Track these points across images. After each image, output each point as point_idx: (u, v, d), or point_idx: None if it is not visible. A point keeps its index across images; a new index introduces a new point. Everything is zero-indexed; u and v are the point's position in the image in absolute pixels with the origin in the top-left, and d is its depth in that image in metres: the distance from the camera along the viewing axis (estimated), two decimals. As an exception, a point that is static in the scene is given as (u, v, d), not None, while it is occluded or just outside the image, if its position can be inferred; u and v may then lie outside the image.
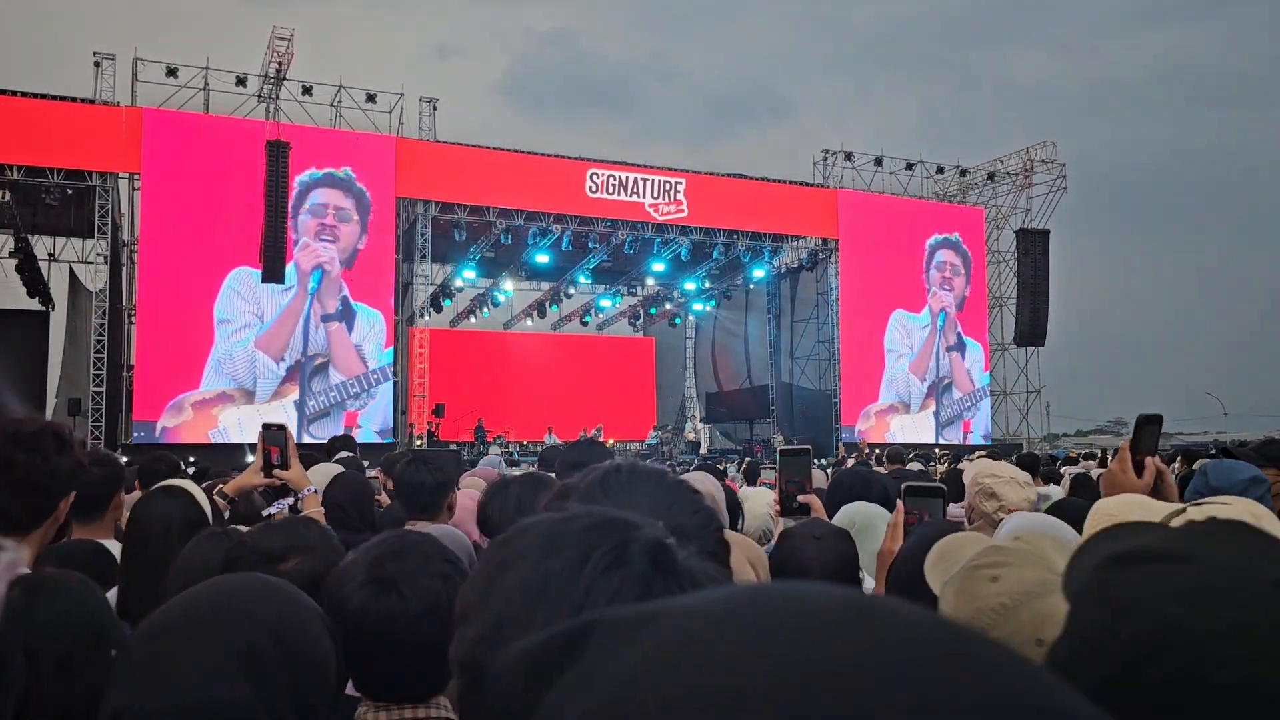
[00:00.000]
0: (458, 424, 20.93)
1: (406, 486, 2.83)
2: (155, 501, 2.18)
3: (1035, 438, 26.82)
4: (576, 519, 0.68)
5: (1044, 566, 1.05)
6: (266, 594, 1.08)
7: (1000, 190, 25.98)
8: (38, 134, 16.94)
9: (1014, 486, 2.62)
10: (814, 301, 25.01)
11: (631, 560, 0.63)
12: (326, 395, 18.81)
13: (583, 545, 0.64)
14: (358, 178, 19.01)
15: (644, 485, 0.93)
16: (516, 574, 0.65)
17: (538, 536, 0.67)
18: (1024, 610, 1.02)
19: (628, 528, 0.66)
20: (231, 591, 1.08)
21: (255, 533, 1.67)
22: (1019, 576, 1.05)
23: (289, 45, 18.07)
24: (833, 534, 1.89)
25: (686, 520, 0.91)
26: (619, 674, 0.31)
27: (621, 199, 21.25)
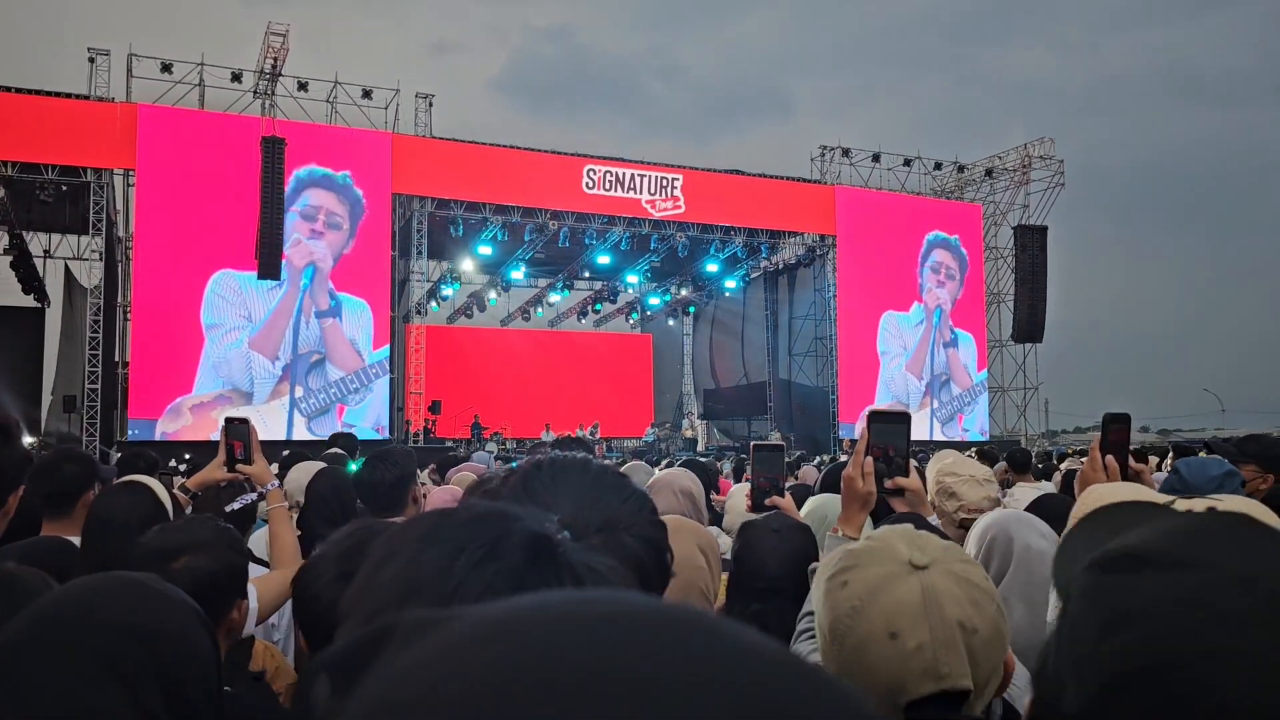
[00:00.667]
0: (454, 421, 20.91)
1: (366, 486, 2.81)
2: (114, 497, 2.16)
3: (1033, 434, 26.82)
4: (459, 512, 0.67)
5: (890, 560, 1.07)
6: (130, 593, 1.04)
7: (998, 186, 25.96)
8: (32, 130, 16.90)
9: (973, 485, 2.59)
10: (811, 298, 24.99)
11: (506, 553, 0.62)
12: (326, 393, 18.78)
13: (459, 538, 0.63)
14: (354, 178, 18.96)
15: (567, 479, 0.90)
16: (392, 568, 0.64)
17: (419, 531, 0.66)
18: (872, 608, 1.04)
19: (507, 520, 0.65)
20: (83, 595, 1.04)
21: (153, 532, 1.65)
22: (863, 577, 1.07)
23: (284, 41, 18.03)
24: (791, 527, 1.88)
25: (617, 509, 0.89)
26: (387, 676, 0.31)
27: (618, 195, 21.22)
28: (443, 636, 0.32)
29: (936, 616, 1.01)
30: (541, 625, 0.31)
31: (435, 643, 0.32)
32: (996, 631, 1.03)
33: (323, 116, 19.41)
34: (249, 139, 17.45)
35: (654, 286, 27.91)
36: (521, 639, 0.31)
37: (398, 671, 0.31)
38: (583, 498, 0.88)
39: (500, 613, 0.33)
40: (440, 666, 0.30)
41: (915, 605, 1.01)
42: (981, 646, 1.01)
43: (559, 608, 0.33)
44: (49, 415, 20.48)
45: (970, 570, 1.07)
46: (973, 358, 25.45)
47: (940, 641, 1.00)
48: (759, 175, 23.38)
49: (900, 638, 1.00)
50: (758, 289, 26.90)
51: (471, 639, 0.31)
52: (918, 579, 1.03)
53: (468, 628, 0.32)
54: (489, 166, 20.13)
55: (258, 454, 2.57)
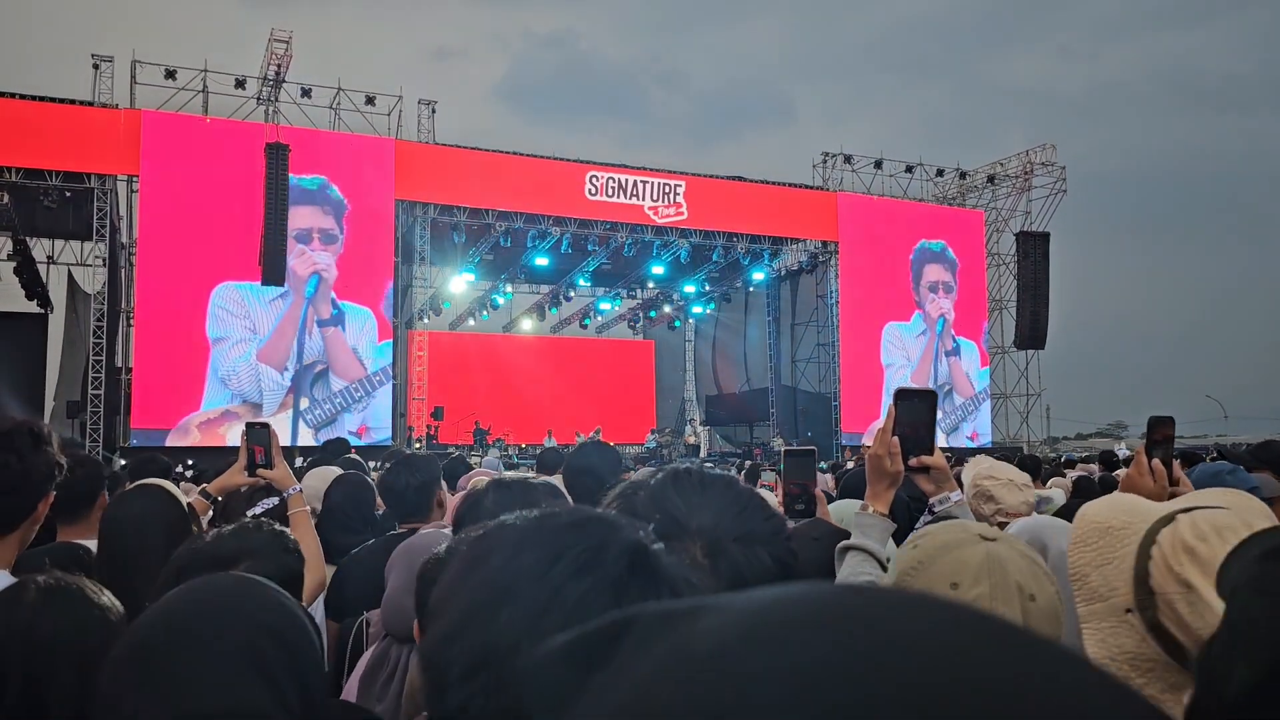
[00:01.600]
0: (456, 427, 20.90)
1: (391, 491, 2.80)
2: (130, 499, 2.15)
3: (1035, 440, 26.79)
4: (555, 517, 0.66)
5: (959, 530, 1.14)
6: (252, 592, 1.06)
7: (1000, 193, 25.98)
8: (36, 136, 16.93)
9: (1012, 489, 2.59)
10: (813, 304, 25.00)
11: (606, 563, 0.61)
12: (331, 402, 18.77)
13: (556, 544, 0.62)
14: (343, 189, 18.90)
15: (714, 489, 0.92)
16: (485, 571, 0.63)
17: (512, 534, 0.65)
18: (938, 562, 1.09)
19: (607, 528, 0.64)
20: (218, 592, 1.05)
21: (209, 537, 1.65)
22: (933, 540, 1.13)
23: (287, 48, 18.07)
24: (831, 534, 1.87)
25: (759, 526, 0.91)
26: (644, 671, 0.30)
27: (621, 201, 21.24)
28: (698, 631, 0.30)
29: (999, 574, 1.05)
30: (804, 626, 0.29)
31: (691, 638, 0.30)
32: (1052, 608, 1.07)
33: (326, 123, 19.47)
34: (252, 145, 17.48)
35: (656, 293, 27.92)
36: (798, 640, 0.28)
37: (654, 669, 0.30)
38: (726, 508, 0.90)
39: (750, 605, 0.31)
40: (704, 666, 0.28)
41: (979, 563, 1.07)
42: (1036, 613, 1.05)
43: (809, 604, 0.31)
44: (52, 421, 20.48)
45: (1034, 554, 1.12)
46: (974, 365, 25.44)
47: (1000, 596, 1.04)
48: (761, 182, 23.40)
49: (960, 588, 1.05)
50: (760, 295, 26.91)
51: (729, 636, 0.29)
52: (984, 546, 1.09)
53: (734, 621, 0.30)
54: (492, 173, 20.16)
55: (279, 458, 2.57)
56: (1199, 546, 0.97)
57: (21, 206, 18.11)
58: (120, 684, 0.95)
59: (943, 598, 0.31)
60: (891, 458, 1.80)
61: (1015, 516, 2.49)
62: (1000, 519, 2.54)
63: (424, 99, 20.38)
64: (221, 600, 1.03)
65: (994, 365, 26.16)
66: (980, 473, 2.72)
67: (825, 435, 23.36)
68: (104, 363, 17.58)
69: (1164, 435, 1.86)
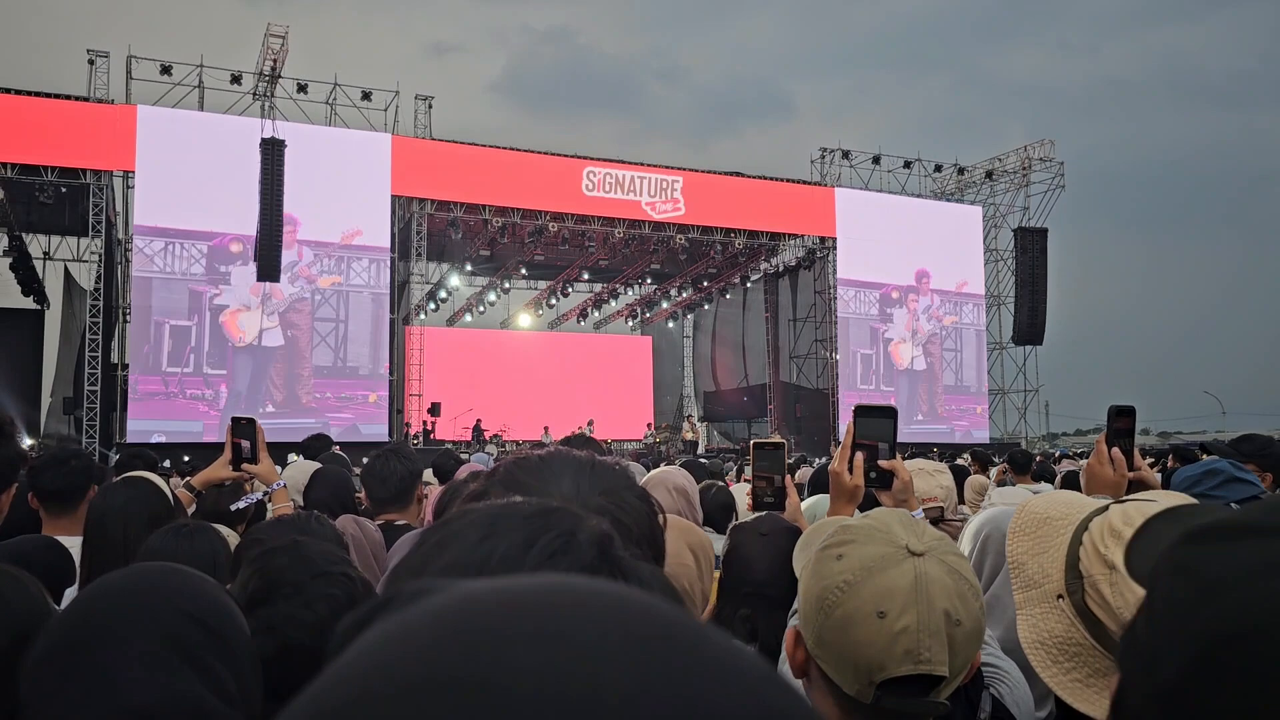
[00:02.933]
0: (454, 423, 20.90)
1: (376, 477, 2.81)
2: (115, 491, 2.15)
3: (1034, 436, 26.81)
4: (521, 505, 0.67)
5: (887, 541, 1.09)
6: (175, 581, 1.04)
7: (998, 189, 25.97)
8: (31, 131, 16.90)
9: (923, 476, 2.62)
10: (811, 300, 25.00)
11: (580, 549, 0.62)
12: (326, 396, 18.77)
13: (528, 530, 0.63)
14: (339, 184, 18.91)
15: (560, 460, 0.92)
16: (453, 554, 0.62)
17: (480, 518, 0.65)
18: (865, 585, 1.06)
19: (574, 518, 0.65)
20: (138, 584, 1.03)
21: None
22: (861, 553, 1.09)
23: (284, 43, 18.03)
24: (779, 530, 1.86)
25: (613, 479, 0.91)
26: (357, 646, 0.31)
27: (618, 197, 21.22)
28: (408, 615, 0.31)
29: (925, 603, 1.03)
30: (490, 622, 0.30)
31: (400, 621, 0.31)
32: (977, 626, 1.06)
33: (322, 118, 19.43)
34: (249, 141, 17.46)
35: (654, 289, 27.93)
36: (455, 636, 0.29)
37: (361, 645, 0.31)
38: (577, 473, 0.90)
39: (478, 595, 0.31)
40: (386, 648, 0.30)
41: (907, 589, 1.04)
42: (962, 638, 1.04)
43: (487, 600, 0.31)
44: (48, 417, 20.48)
45: (961, 564, 1.09)
46: (973, 361, 25.45)
47: (926, 628, 1.02)
48: (759, 177, 23.38)
49: (887, 618, 1.03)
50: (758, 291, 26.91)
51: (414, 624, 0.30)
52: (912, 564, 1.06)
53: (433, 606, 0.31)
54: (489, 168, 20.13)
55: (263, 453, 2.57)
56: (1125, 531, 0.99)
57: (17, 202, 18.09)
58: (44, 685, 0.92)
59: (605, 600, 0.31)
60: (852, 472, 1.80)
61: (931, 501, 2.53)
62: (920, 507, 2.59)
63: (421, 94, 20.36)
64: (142, 590, 1.00)
65: (992, 361, 26.17)
66: None
67: (823, 431, 23.37)
68: (100, 359, 17.57)
69: (1124, 425, 1.87)
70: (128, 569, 1.08)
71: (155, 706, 0.90)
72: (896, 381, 24.20)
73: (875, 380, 24.01)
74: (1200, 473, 2.42)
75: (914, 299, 24.57)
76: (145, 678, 0.92)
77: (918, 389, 24.50)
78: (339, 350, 19.07)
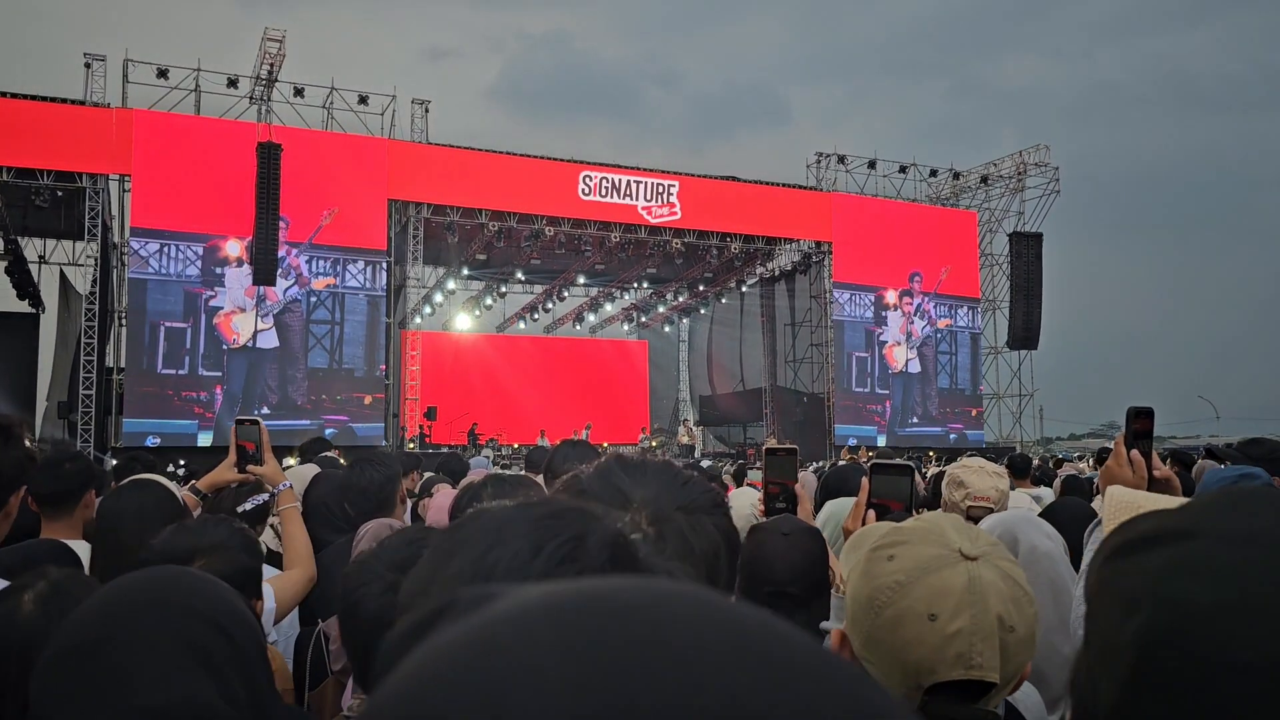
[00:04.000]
0: (450, 427, 20.87)
1: (356, 490, 2.79)
2: (128, 492, 2.15)
3: (1029, 441, 26.85)
4: (533, 507, 0.65)
5: (939, 543, 1.07)
6: (190, 585, 1.04)
7: (993, 193, 26.03)
8: (27, 135, 16.86)
9: (982, 475, 2.59)
10: (807, 304, 25.03)
11: (588, 554, 0.60)
12: (321, 400, 18.74)
13: (536, 535, 0.61)
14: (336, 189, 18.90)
15: (651, 468, 0.93)
16: (460, 562, 0.61)
17: (488, 524, 0.63)
18: (917, 586, 1.04)
19: (587, 519, 0.63)
20: (153, 586, 1.02)
21: (166, 535, 1.63)
22: (913, 554, 1.07)
23: (280, 47, 18.02)
24: (801, 531, 1.85)
25: (699, 497, 0.91)
26: (426, 647, 0.31)
27: (614, 201, 21.23)
28: (482, 618, 0.31)
29: (980, 606, 1.01)
30: (577, 625, 0.29)
31: (476, 624, 0.30)
32: (1030, 633, 1.04)
33: (319, 123, 19.42)
34: (245, 145, 17.44)
35: (650, 293, 27.93)
36: (565, 639, 0.29)
37: (432, 647, 0.30)
38: (665, 484, 0.90)
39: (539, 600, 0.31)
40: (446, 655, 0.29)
41: (960, 591, 1.02)
42: (1015, 644, 1.02)
43: (592, 604, 0.31)
44: (44, 421, 20.40)
45: (1014, 570, 1.07)
46: (968, 366, 25.50)
47: (979, 631, 1.00)
48: (755, 182, 23.41)
49: (939, 620, 1.01)
50: (754, 295, 26.93)
51: (502, 627, 0.30)
52: (966, 567, 1.04)
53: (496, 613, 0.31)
54: (485, 173, 20.13)
55: (269, 454, 2.57)
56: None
57: (13, 206, 18.03)
58: (55, 687, 0.91)
59: (721, 611, 0.31)
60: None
61: (984, 500, 2.50)
62: (969, 504, 2.56)
63: (417, 99, 20.36)
64: (157, 594, 1.00)
65: (987, 365, 26.21)
66: (954, 465, 2.75)
67: (820, 435, 23.38)
68: (95, 363, 17.51)
69: (1143, 427, 1.83)
70: (142, 572, 1.07)
71: (167, 708, 0.90)
72: (891, 385, 24.24)
73: (870, 384, 24.04)
74: (1237, 475, 2.41)
75: (909, 303, 24.61)
76: (159, 680, 0.91)
77: (913, 392, 24.54)
78: (335, 353, 19.04)
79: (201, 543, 1.56)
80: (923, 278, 24.69)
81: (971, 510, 2.53)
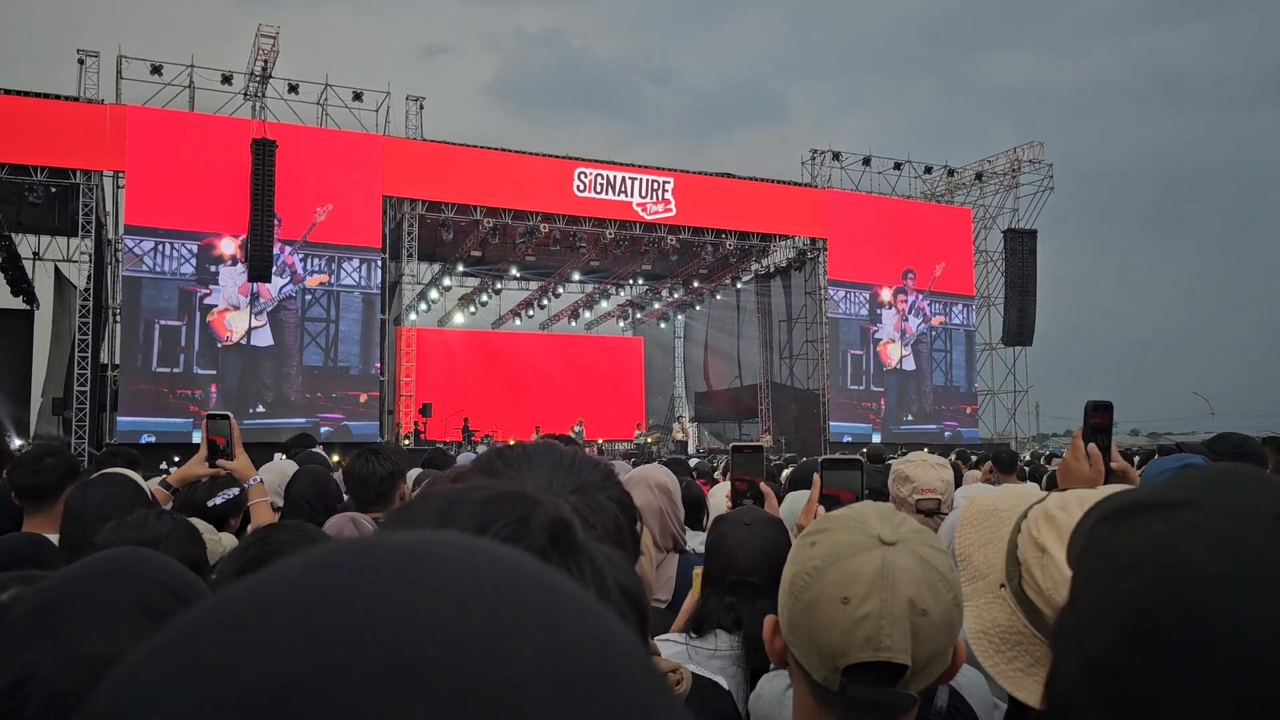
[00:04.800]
0: (445, 424, 20.89)
1: (357, 479, 2.83)
2: (93, 488, 2.16)
3: (1024, 437, 26.91)
4: (476, 490, 0.67)
5: (859, 530, 1.10)
6: (149, 558, 1.08)
7: (988, 190, 26.07)
8: (21, 131, 16.83)
9: (926, 468, 2.64)
10: (802, 300, 25.07)
11: (531, 534, 0.62)
12: (318, 397, 18.74)
13: (481, 516, 0.63)
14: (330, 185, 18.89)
15: (539, 453, 0.93)
16: None
17: (435, 505, 0.65)
18: (832, 571, 1.07)
19: (529, 502, 0.65)
20: (116, 558, 1.06)
21: (108, 529, 1.65)
22: (832, 540, 1.10)
23: (274, 43, 18.00)
24: (762, 520, 1.88)
25: (589, 475, 0.92)
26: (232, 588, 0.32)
27: (609, 198, 21.24)
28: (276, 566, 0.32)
29: (889, 590, 1.04)
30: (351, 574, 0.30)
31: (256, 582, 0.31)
32: (946, 618, 1.06)
33: (313, 119, 19.41)
34: (239, 141, 17.43)
35: (645, 289, 27.95)
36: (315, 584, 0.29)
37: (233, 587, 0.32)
38: (555, 467, 0.91)
39: (348, 550, 0.32)
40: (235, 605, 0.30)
41: (871, 575, 1.05)
42: (928, 628, 1.03)
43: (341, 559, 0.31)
44: (39, 418, 20.39)
45: (935, 556, 1.09)
46: (963, 362, 25.55)
47: (888, 615, 1.03)
48: (750, 178, 23.43)
49: (850, 604, 1.04)
50: (749, 292, 26.96)
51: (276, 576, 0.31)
52: (880, 552, 1.06)
53: (296, 562, 0.31)
54: (480, 169, 20.13)
55: (239, 449, 2.58)
56: (1058, 515, 1.01)
57: (6, 202, 18.01)
58: (9, 642, 0.95)
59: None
60: None
61: (930, 493, 2.55)
62: (918, 497, 2.61)
63: (413, 95, 20.34)
64: (118, 564, 1.04)
65: (982, 362, 26.27)
66: (899, 460, 2.83)
67: (814, 431, 23.42)
68: (90, 359, 17.50)
69: (1101, 421, 1.84)
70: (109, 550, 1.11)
71: (115, 657, 0.93)
72: (886, 382, 24.29)
73: (865, 381, 24.08)
74: (1178, 467, 2.44)
75: (903, 299, 24.66)
76: (112, 633, 0.94)
77: (907, 389, 24.58)
78: (330, 350, 19.05)
79: (145, 536, 1.58)
80: (917, 274, 24.73)
81: (920, 504, 2.58)
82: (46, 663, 0.92)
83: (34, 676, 0.92)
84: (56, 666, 0.92)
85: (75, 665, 0.92)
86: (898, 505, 2.56)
